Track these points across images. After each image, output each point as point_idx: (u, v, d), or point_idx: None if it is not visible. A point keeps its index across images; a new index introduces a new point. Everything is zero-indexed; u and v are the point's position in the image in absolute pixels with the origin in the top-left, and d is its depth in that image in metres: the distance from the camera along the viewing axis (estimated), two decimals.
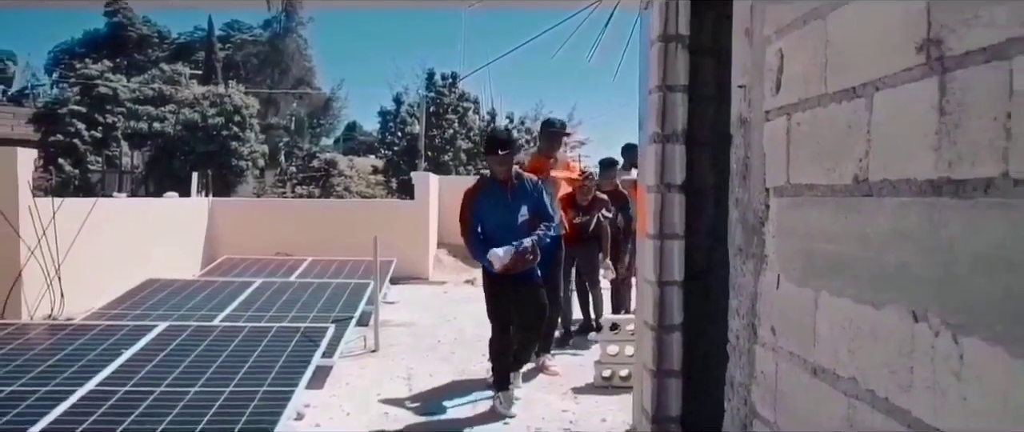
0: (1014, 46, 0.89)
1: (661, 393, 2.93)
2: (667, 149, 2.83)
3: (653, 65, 2.85)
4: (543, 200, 3.95)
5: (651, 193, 2.92)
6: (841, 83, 1.33)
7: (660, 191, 2.86)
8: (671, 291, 2.89)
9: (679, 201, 2.85)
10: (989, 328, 0.92)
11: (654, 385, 2.90)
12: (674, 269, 2.87)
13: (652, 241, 2.90)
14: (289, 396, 3.01)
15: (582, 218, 5.08)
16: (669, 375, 2.92)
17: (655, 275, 2.88)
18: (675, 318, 2.88)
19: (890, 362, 1.16)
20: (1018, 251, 0.87)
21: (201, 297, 5.46)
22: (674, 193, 2.84)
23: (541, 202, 3.93)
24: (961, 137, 0.99)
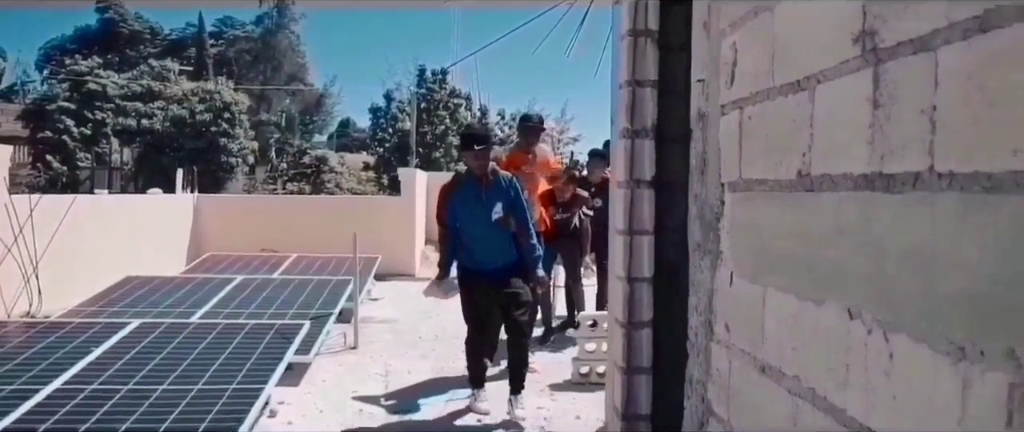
0: (939, 36, 0.87)
1: (631, 390, 2.91)
2: (636, 144, 2.80)
3: (623, 60, 2.83)
4: (519, 199, 3.86)
5: (621, 188, 2.90)
6: (787, 76, 1.31)
7: (630, 186, 2.84)
8: (640, 287, 2.86)
9: (648, 196, 2.82)
10: (915, 326, 0.90)
11: (623, 382, 2.88)
12: (643, 265, 2.85)
13: (622, 237, 2.88)
14: (258, 394, 2.98)
15: (562, 215, 5.05)
16: (639, 372, 2.90)
17: (624, 271, 2.86)
18: (644, 314, 2.85)
19: (829, 360, 1.14)
20: (942, 248, 0.85)
21: (179, 294, 5.42)
22: (644, 189, 2.81)
23: (517, 201, 3.84)
24: (892, 130, 0.97)
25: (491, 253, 3.74)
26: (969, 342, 0.80)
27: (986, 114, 0.79)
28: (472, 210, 3.74)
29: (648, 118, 2.79)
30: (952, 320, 0.83)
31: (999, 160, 0.76)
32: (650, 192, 2.81)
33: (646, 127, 2.79)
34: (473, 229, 3.74)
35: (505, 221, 3.76)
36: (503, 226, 3.76)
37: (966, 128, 0.82)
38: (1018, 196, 0.73)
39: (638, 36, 2.77)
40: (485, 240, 3.72)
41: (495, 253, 3.74)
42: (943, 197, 0.85)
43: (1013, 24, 0.75)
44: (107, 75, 23.06)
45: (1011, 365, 0.74)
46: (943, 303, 0.85)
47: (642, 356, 2.85)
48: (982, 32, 0.79)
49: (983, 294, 0.78)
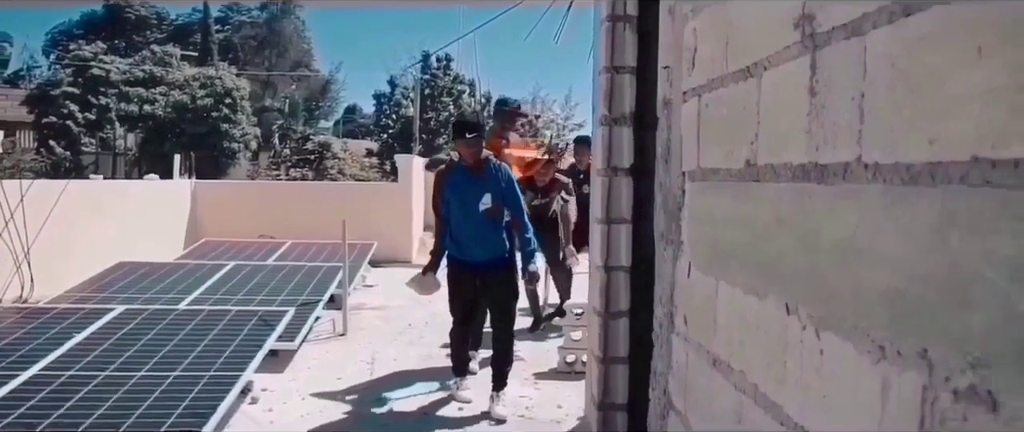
0: (868, 21, 0.83)
1: (608, 380, 2.88)
2: (614, 132, 2.76)
3: (602, 46, 2.78)
4: (513, 188, 3.75)
5: (599, 176, 2.86)
6: (738, 63, 1.28)
7: (607, 174, 2.80)
8: (618, 276, 2.83)
9: (626, 184, 2.79)
10: (842, 323, 0.87)
11: (600, 371, 2.86)
12: (621, 254, 2.82)
13: (599, 225, 2.84)
14: (235, 380, 2.97)
15: (540, 200, 4.96)
16: (616, 362, 2.87)
17: (602, 260, 2.83)
18: (622, 304, 2.83)
19: (769, 356, 1.11)
20: (866, 243, 0.82)
21: (170, 281, 5.42)
22: (621, 176, 2.78)
23: (510, 191, 3.73)
24: (827, 119, 0.93)
25: (479, 245, 3.66)
26: (888, 341, 0.77)
27: (906, 102, 0.75)
28: (461, 199, 3.66)
29: (626, 105, 2.75)
30: (874, 318, 0.80)
31: (916, 151, 0.72)
32: (628, 180, 2.77)
33: (624, 114, 2.76)
34: (462, 218, 3.66)
35: (493, 212, 3.66)
36: (491, 217, 3.66)
37: (889, 117, 0.78)
38: (933, 189, 0.70)
39: (616, 22, 2.73)
40: (473, 231, 3.64)
41: (483, 246, 3.66)
42: (868, 190, 0.82)
43: (933, 6, 0.71)
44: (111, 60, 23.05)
45: (924, 366, 0.71)
46: (867, 300, 0.81)
47: (619, 346, 2.83)
48: (905, 15, 0.76)
49: (901, 292, 0.75)
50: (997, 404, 0.61)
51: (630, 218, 2.73)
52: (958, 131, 0.66)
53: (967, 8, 0.66)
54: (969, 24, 0.65)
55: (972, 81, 0.64)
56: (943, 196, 0.68)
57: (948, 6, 0.68)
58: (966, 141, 0.65)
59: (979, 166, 0.63)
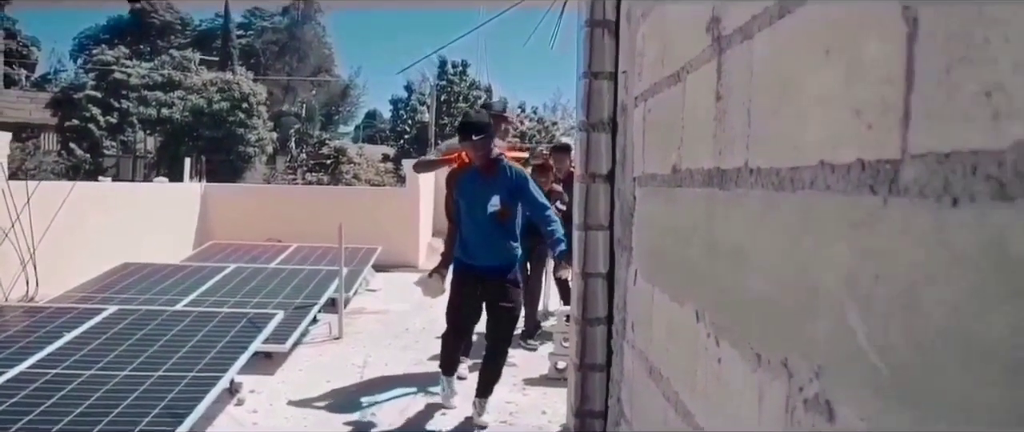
0: (755, 24, 0.82)
1: (585, 387, 2.86)
2: (593, 137, 2.75)
3: (580, 51, 2.77)
4: (527, 188, 3.60)
5: (578, 182, 2.84)
6: (671, 67, 1.27)
7: (586, 181, 2.78)
8: (595, 283, 2.80)
9: (604, 191, 2.77)
10: (732, 331, 0.86)
11: (578, 379, 2.84)
12: (599, 260, 2.79)
13: (578, 232, 2.83)
14: (216, 381, 2.99)
15: None
16: (593, 369, 2.85)
17: (580, 266, 2.81)
18: (599, 310, 2.80)
19: (686, 363, 1.10)
20: (749, 249, 0.80)
21: (170, 282, 5.47)
22: (599, 183, 2.76)
23: (524, 191, 3.58)
24: (727, 124, 0.92)
25: (486, 250, 3.55)
26: (762, 349, 0.76)
27: (779, 106, 0.74)
28: (469, 201, 3.57)
29: (605, 111, 2.74)
30: (752, 326, 0.79)
31: (784, 156, 0.71)
32: (606, 186, 2.75)
33: (602, 120, 2.74)
34: (469, 221, 3.56)
35: (503, 215, 3.55)
36: (500, 221, 3.55)
37: (767, 121, 0.77)
38: (793, 195, 0.68)
39: (595, 27, 2.72)
40: (480, 235, 3.54)
41: (490, 251, 3.55)
42: (752, 195, 0.81)
43: (805, 4, 0.70)
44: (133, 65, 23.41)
45: (785, 375, 0.70)
46: (748, 308, 0.80)
47: (596, 353, 2.81)
48: (780, 18, 0.75)
49: (770, 300, 0.74)
50: (833, 414, 0.60)
51: (607, 224, 2.71)
52: (811, 135, 0.65)
53: (820, 9, 0.65)
54: (821, 26, 0.64)
55: (821, 84, 0.63)
56: (800, 202, 0.67)
57: (806, 7, 0.67)
58: (815, 146, 0.64)
59: (824, 171, 0.62)
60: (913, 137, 0.49)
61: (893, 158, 0.51)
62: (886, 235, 0.52)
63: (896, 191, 0.51)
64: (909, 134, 0.50)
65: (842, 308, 0.58)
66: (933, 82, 0.47)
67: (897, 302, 0.50)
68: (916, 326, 0.48)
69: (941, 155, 0.46)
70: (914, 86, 0.49)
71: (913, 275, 0.48)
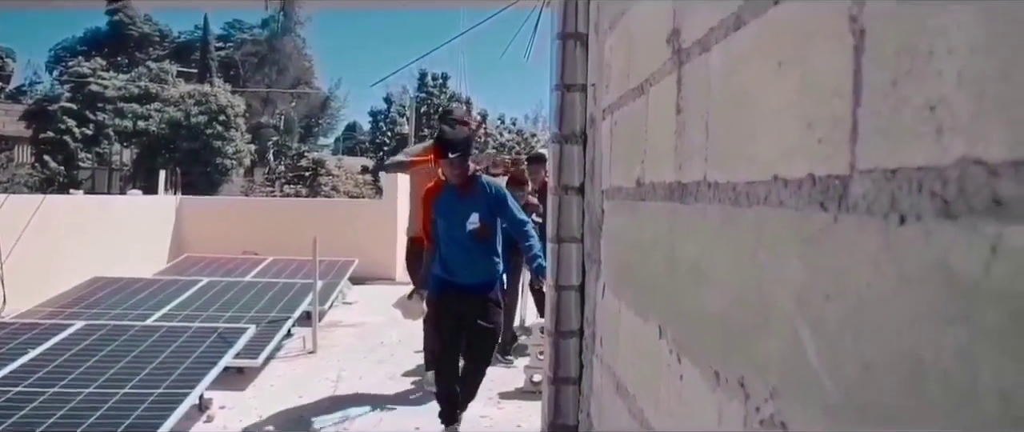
0: (712, 36, 0.81)
1: (559, 400, 2.84)
2: (565, 150, 2.74)
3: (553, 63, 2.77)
4: (506, 202, 3.54)
5: (551, 195, 2.83)
6: (636, 80, 1.26)
7: (558, 193, 2.78)
8: (568, 295, 2.79)
9: (577, 203, 2.76)
10: (692, 347, 0.84)
11: (551, 392, 2.81)
12: (572, 273, 2.78)
13: (551, 244, 2.81)
14: (183, 397, 2.93)
15: None
16: (566, 382, 2.83)
17: (553, 279, 2.79)
18: (572, 323, 2.79)
19: (650, 380, 1.08)
20: (707, 265, 0.79)
21: (141, 296, 5.38)
22: (572, 195, 2.75)
23: (503, 205, 3.52)
24: (687, 137, 0.91)
25: (466, 268, 3.49)
26: (720, 367, 0.74)
27: (735, 119, 0.73)
28: (449, 218, 3.50)
29: (577, 123, 2.73)
30: (711, 343, 0.77)
31: (740, 170, 0.70)
32: (578, 199, 2.75)
33: (575, 132, 2.74)
34: (448, 240, 3.50)
35: (482, 232, 3.49)
36: (480, 239, 3.49)
37: (724, 135, 0.76)
38: (749, 210, 0.67)
39: (567, 39, 2.72)
40: (461, 253, 3.48)
41: (470, 269, 3.49)
42: (711, 210, 0.79)
43: (759, 16, 0.69)
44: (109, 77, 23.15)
45: (742, 394, 0.68)
46: (707, 324, 0.79)
47: (569, 366, 2.79)
48: (735, 29, 0.73)
49: (727, 316, 0.72)
50: None
51: (581, 237, 2.70)
52: (765, 150, 0.64)
53: (773, 22, 0.64)
54: (774, 38, 0.63)
55: (774, 97, 0.62)
56: (755, 218, 0.65)
57: (760, 19, 0.66)
58: (769, 160, 0.62)
59: (777, 186, 0.60)
60: (861, 152, 0.48)
61: (842, 174, 0.50)
62: (836, 253, 0.51)
63: (845, 207, 0.49)
64: (857, 149, 0.48)
65: (794, 327, 0.56)
66: (880, 95, 0.46)
67: (847, 322, 0.49)
68: (865, 347, 0.46)
69: (888, 171, 0.45)
70: (862, 99, 0.48)
71: (862, 294, 0.47)
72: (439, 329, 3.55)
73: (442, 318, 3.52)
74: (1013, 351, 0.34)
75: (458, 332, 3.53)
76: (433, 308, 3.54)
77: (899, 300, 0.43)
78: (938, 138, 0.39)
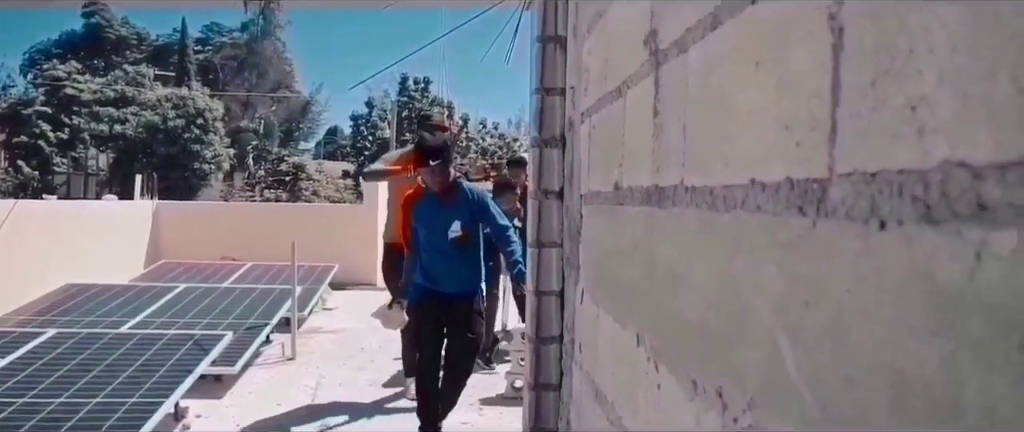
0: (689, 36, 0.79)
1: (539, 407, 2.82)
2: (545, 154, 2.73)
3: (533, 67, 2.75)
4: (488, 209, 3.48)
5: (531, 199, 2.82)
6: (614, 82, 1.24)
7: (539, 197, 2.76)
8: (549, 301, 2.77)
9: (557, 207, 2.75)
10: (669, 355, 0.82)
11: (532, 399, 2.79)
12: (552, 278, 2.76)
13: (531, 249, 2.79)
14: (156, 407, 2.87)
15: None
16: (547, 388, 2.81)
17: (533, 284, 2.77)
18: (553, 329, 2.77)
19: (627, 388, 1.06)
20: (685, 271, 0.77)
21: (116, 303, 5.29)
22: (552, 199, 2.74)
23: (485, 212, 3.46)
24: (665, 140, 0.89)
25: (448, 277, 3.43)
26: (698, 376, 0.72)
27: (712, 122, 0.71)
28: (429, 227, 3.43)
29: (557, 127, 2.72)
30: (689, 351, 0.75)
31: (717, 174, 0.68)
32: (558, 203, 2.73)
33: (554, 136, 2.72)
34: (430, 248, 3.43)
35: (463, 240, 3.43)
36: (462, 247, 3.43)
37: (701, 138, 0.75)
38: (726, 215, 0.65)
39: (547, 43, 2.71)
40: (443, 262, 3.42)
41: (453, 278, 3.43)
42: (688, 214, 0.77)
43: (736, 16, 0.67)
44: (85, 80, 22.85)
45: (720, 405, 0.66)
46: (685, 332, 0.77)
47: (550, 372, 2.77)
48: (712, 30, 0.72)
49: (705, 324, 0.70)
50: None
51: (561, 241, 2.69)
52: (742, 152, 0.62)
53: (750, 21, 0.62)
54: (751, 37, 0.62)
55: (751, 98, 0.60)
56: (732, 222, 0.64)
57: (737, 18, 0.64)
58: (746, 163, 0.61)
59: (754, 190, 0.59)
60: (840, 154, 0.46)
61: (821, 177, 0.48)
62: (815, 259, 0.49)
63: (824, 212, 0.48)
64: (836, 151, 0.47)
65: (773, 336, 0.54)
66: (859, 95, 0.44)
67: (826, 332, 0.47)
68: (845, 358, 0.44)
69: (868, 174, 0.43)
70: (841, 100, 0.46)
71: (842, 303, 0.45)
72: (419, 338, 3.49)
73: (423, 327, 3.46)
74: (999, 364, 0.32)
75: (439, 341, 3.47)
76: (414, 317, 3.47)
77: (880, 309, 0.41)
78: (920, 139, 0.37)
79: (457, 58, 48.26)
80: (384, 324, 3.60)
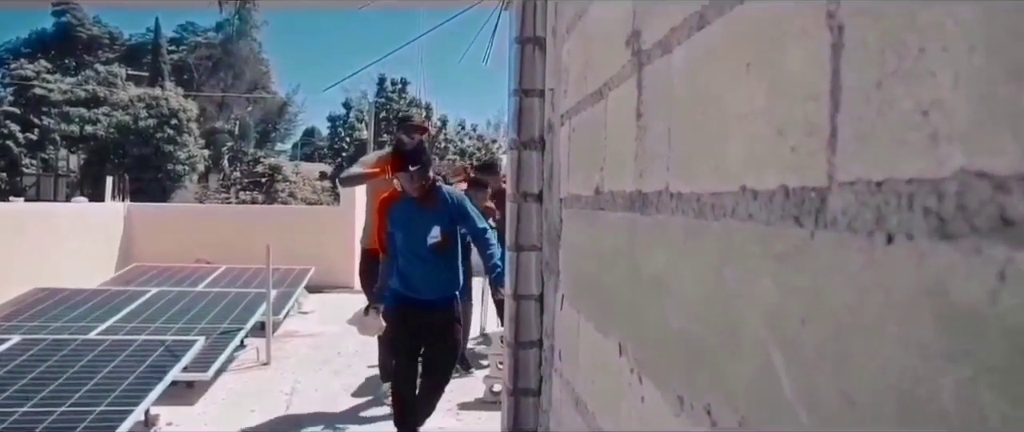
0: (674, 37, 0.76)
1: (518, 412, 2.78)
2: (524, 156, 2.69)
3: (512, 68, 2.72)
4: (467, 211, 3.41)
5: (510, 202, 2.78)
6: (593, 84, 1.21)
7: (517, 200, 2.73)
8: (528, 305, 2.73)
9: (536, 210, 2.71)
10: (656, 368, 0.79)
11: (511, 404, 2.75)
12: (531, 282, 2.73)
13: (510, 252, 2.76)
14: (125, 416, 2.79)
15: None
16: (526, 394, 2.77)
17: (512, 288, 2.74)
18: (532, 334, 2.74)
19: (610, 398, 1.03)
20: (671, 278, 0.74)
21: (86, 308, 5.17)
22: (531, 202, 2.70)
23: (464, 215, 3.38)
24: (648, 143, 0.86)
25: (427, 284, 3.34)
26: (685, 391, 0.69)
27: (700, 125, 0.68)
28: (407, 233, 3.33)
29: (536, 129, 2.69)
30: (674, 365, 0.72)
31: (705, 180, 0.65)
32: (537, 206, 2.70)
33: (533, 138, 2.69)
34: (408, 254, 3.32)
35: (443, 245, 3.35)
36: (441, 252, 3.34)
37: (686, 142, 0.72)
38: (715, 223, 0.62)
39: (526, 44, 2.68)
40: (421, 268, 3.32)
41: (433, 284, 3.35)
42: (672, 222, 0.75)
43: (725, 14, 0.64)
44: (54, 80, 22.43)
45: (708, 422, 0.63)
46: (670, 344, 0.74)
47: (530, 377, 2.74)
48: (699, 29, 0.69)
49: (692, 337, 0.67)
50: None
51: (540, 245, 2.66)
52: (732, 158, 0.59)
53: (741, 20, 0.59)
54: (742, 37, 0.59)
55: (742, 100, 0.57)
56: (722, 231, 0.61)
57: (726, 17, 0.62)
58: (737, 169, 0.58)
59: (745, 197, 0.56)
60: (841, 162, 0.43)
61: (819, 185, 0.45)
62: (813, 272, 0.46)
63: (823, 223, 0.45)
64: (836, 158, 0.44)
65: (766, 351, 0.51)
66: (863, 98, 0.41)
67: (826, 349, 0.44)
68: (847, 379, 0.42)
69: (873, 184, 0.40)
70: (841, 103, 0.43)
71: (843, 320, 0.42)
72: (396, 344, 3.41)
73: (400, 333, 3.38)
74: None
75: (416, 348, 3.40)
76: (390, 323, 3.39)
77: (886, 328, 0.38)
78: (932, 147, 0.35)
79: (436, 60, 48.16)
80: (360, 331, 3.51)
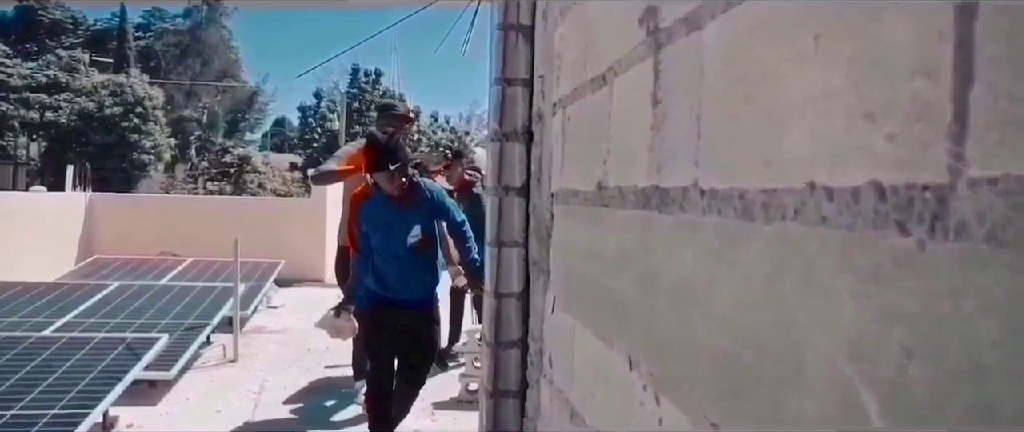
0: (706, 11, 0.67)
1: (497, 415, 2.69)
2: (506, 147, 2.59)
3: (493, 56, 2.62)
4: (446, 208, 3.27)
5: (490, 196, 2.68)
6: (595, 70, 1.12)
7: (499, 194, 2.63)
8: (509, 303, 2.64)
9: (519, 205, 2.61)
10: (679, 387, 0.70)
11: (489, 406, 2.66)
12: (512, 280, 2.64)
13: (490, 248, 2.66)
14: (81, 419, 2.64)
15: None
16: (506, 395, 2.68)
17: (492, 285, 2.64)
18: (513, 333, 2.64)
19: (617, 415, 0.94)
20: (702, 288, 0.64)
21: (40, 303, 4.95)
22: (513, 196, 2.60)
23: (445, 211, 3.25)
24: (668, 132, 0.77)
25: (406, 284, 3.18)
26: (721, 419, 0.60)
27: (741, 110, 0.58)
28: (386, 232, 3.14)
29: (519, 119, 2.59)
30: (707, 387, 0.63)
31: (751, 175, 0.56)
32: (520, 200, 2.59)
33: (516, 129, 2.58)
34: (386, 255, 3.15)
35: (422, 245, 3.19)
36: (420, 252, 3.19)
37: (725, 130, 0.62)
38: (768, 227, 0.53)
39: (509, 31, 2.57)
40: (399, 270, 3.17)
41: (411, 285, 3.19)
42: (704, 223, 0.65)
43: None
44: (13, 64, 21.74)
45: None
46: (699, 364, 0.64)
47: (510, 379, 2.65)
48: (741, 1, 0.59)
49: (734, 357, 0.58)
50: None
51: (523, 241, 2.56)
52: (793, 149, 0.50)
53: None
54: (804, 6, 0.49)
55: (809, 81, 0.48)
56: (776, 237, 0.51)
57: None
58: (801, 162, 0.48)
59: (815, 196, 0.46)
60: (973, 153, 0.34)
61: (936, 182, 0.36)
62: (924, 294, 0.37)
63: (943, 231, 0.35)
64: (966, 149, 0.34)
65: (853, 389, 0.42)
66: (1006, 72, 0.32)
67: (949, 396, 0.35)
68: None
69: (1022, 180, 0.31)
70: (975, 77, 0.34)
71: (975, 357, 0.33)
72: (371, 347, 3.26)
73: (375, 335, 3.23)
74: None
75: (392, 350, 3.25)
76: (366, 324, 3.23)
77: None
78: None
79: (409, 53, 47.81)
80: (332, 335, 3.33)
